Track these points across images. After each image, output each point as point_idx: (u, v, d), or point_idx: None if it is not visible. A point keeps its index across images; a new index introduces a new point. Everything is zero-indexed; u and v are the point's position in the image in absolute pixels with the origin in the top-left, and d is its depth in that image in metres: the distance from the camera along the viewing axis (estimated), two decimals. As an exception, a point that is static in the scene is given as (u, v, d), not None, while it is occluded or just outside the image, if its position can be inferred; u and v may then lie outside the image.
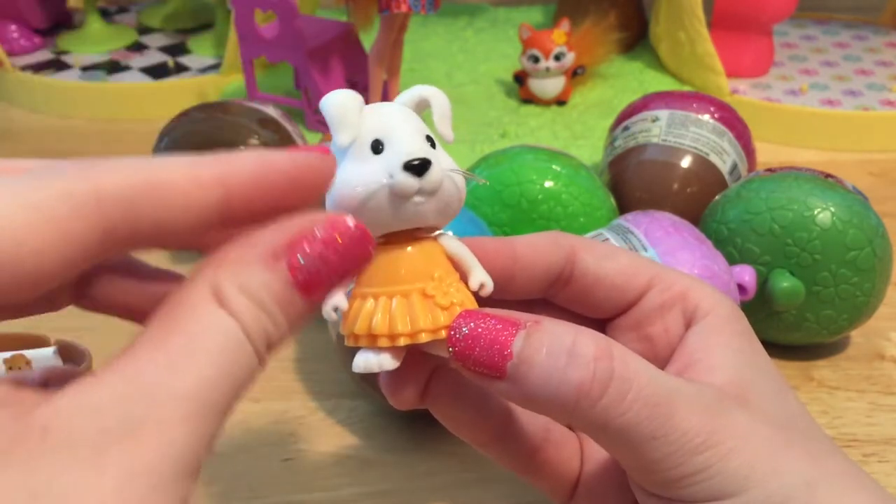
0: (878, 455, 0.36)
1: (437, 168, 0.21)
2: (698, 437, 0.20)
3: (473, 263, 0.22)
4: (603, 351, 0.21)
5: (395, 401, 0.24)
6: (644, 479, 0.22)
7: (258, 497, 0.35)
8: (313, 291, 0.19)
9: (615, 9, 0.73)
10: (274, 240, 0.18)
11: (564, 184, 0.42)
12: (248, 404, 0.39)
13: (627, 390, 0.20)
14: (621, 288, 0.25)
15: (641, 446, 0.20)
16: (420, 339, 0.21)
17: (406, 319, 0.21)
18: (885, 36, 0.76)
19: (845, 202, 0.38)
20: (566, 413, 0.21)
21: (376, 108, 0.22)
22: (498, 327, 0.21)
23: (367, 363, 0.22)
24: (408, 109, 0.22)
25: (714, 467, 0.20)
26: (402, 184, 0.20)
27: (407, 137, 0.21)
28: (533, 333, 0.21)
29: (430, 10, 0.55)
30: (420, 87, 0.23)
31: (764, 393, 0.22)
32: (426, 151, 0.21)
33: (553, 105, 0.66)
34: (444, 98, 0.23)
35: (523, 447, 0.26)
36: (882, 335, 0.43)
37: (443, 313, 0.21)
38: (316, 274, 0.19)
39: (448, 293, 0.21)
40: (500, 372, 0.21)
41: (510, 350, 0.21)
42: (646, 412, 0.20)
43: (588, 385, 0.20)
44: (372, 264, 0.22)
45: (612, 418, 0.20)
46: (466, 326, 0.21)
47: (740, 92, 0.66)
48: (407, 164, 0.20)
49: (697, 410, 0.21)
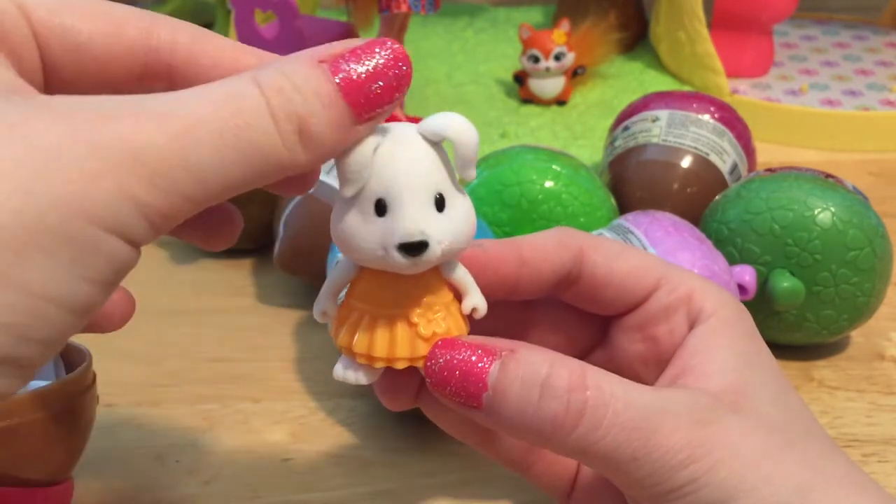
0: (878, 455, 0.36)
1: (435, 247, 0.20)
2: (682, 453, 0.20)
3: (470, 287, 0.22)
4: (577, 381, 0.21)
5: (388, 403, 0.24)
6: (635, 494, 0.22)
7: (258, 497, 0.34)
8: (356, 95, 0.18)
9: (615, 9, 0.73)
10: (317, 51, 0.19)
11: (564, 184, 0.42)
12: (248, 404, 0.39)
13: (602, 417, 0.20)
14: (630, 287, 0.25)
15: (623, 467, 0.21)
16: (397, 366, 0.22)
17: (385, 346, 0.21)
18: (885, 36, 0.76)
19: (845, 202, 0.38)
20: (544, 442, 0.21)
21: (392, 153, 0.20)
22: (472, 359, 0.21)
23: (345, 374, 0.22)
24: (425, 151, 0.20)
25: (701, 479, 0.20)
26: (396, 262, 0.20)
27: (409, 207, 0.20)
28: (508, 364, 0.21)
29: (430, 10, 0.55)
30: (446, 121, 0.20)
31: (762, 396, 0.22)
32: (424, 231, 0.20)
33: (553, 105, 0.66)
34: (472, 135, 0.20)
35: (518, 445, 0.26)
36: (882, 335, 0.43)
37: (423, 344, 0.21)
38: (358, 77, 0.18)
39: (433, 321, 0.21)
40: (476, 402, 0.21)
41: (485, 382, 0.21)
42: (623, 436, 0.20)
43: (562, 418, 0.20)
44: (365, 281, 0.22)
45: (589, 445, 0.20)
46: (443, 357, 0.21)
47: (740, 92, 0.66)
48: (401, 246, 0.20)
49: (683, 424, 0.21)
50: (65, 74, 0.20)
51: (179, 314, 0.45)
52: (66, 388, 0.30)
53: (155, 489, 0.35)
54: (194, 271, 0.49)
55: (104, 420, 0.37)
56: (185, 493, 0.35)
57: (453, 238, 0.20)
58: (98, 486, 0.35)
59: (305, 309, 0.45)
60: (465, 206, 0.21)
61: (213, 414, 0.39)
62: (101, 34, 0.20)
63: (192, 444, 0.37)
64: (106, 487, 0.35)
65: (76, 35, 0.19)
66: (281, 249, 0.44)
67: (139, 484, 0.35)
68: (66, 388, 0.30)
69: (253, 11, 0.59)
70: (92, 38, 0.20)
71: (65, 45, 0.19)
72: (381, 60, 0.19)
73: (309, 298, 0.46)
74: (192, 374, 0.41)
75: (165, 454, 0.37)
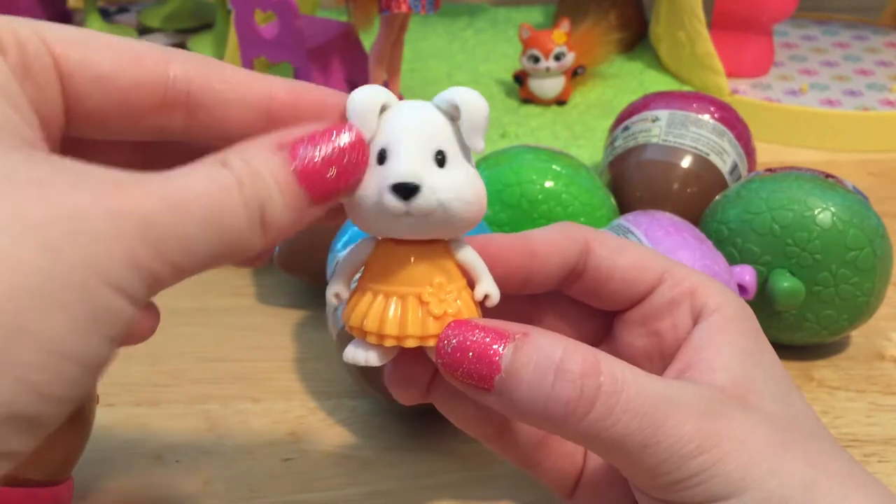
0: (879, 455, 0.36)
1: (429, 195, 0.20)
2: (692, 443, 0.20)
3: (482, 274, 0.22)
4: (590, 366, 0.21)
5: (399, 395, 0.24)
6: (643, 485, 0.22)
7: (258, 497, 0.34)
8: (310, 180, 0.19)
9: (615, 9, 0.73)
10: (279, 136, 0.20)
11: (564, 184, 0.42)
12: (248, 404, 0.39)
13: (615, 403, 0.20)
14: (633, 282, 0.25)
15: (634, 455, 0.21)
16: (407, 344, 0.21)
17: (395, 323, 0.21)
18: (885, 36, 0.76)
19: (845, 202, 0.38)
20: (555, 427, 0.21)
21: (402, 110, 0.21)
22: (486, 340, 0.21)
23: (355, 356, 0.22)
24: (433, 114, 0.21)
25: (710, 470, 0.20)
26: (389, 206, 0.20)
27: (406, 155, 0.20)
28: (521, 347, 0.21)
29: (430, 10, 0.55)
30: (457, 91, 0.21)
31: (767, 393, 0.22)
32: (418, 175, 0.20)
33: (553, 105, 0.66)
34: (480, 106, 0.21)
35: (527, 441, 0.26)
36: (882, 335, 0.43)
37: (434, 322, 0.21)
38: (312, 164, 0.19)
39: (444, 301, 0.21)
40: (488, 385, 0.21)
41: (497, 363, 0.21)
42: (636, 423, 0.20)
43: (575, 402, 0.20)
44: (379, 261, 0.22)
45: (601, 431, 0.20)
46: (456, 338, 0.21)
47: (740, 92, 0.66)
48: (394, 186, 0.20)
49: (692, 415, 0.21)
50: (89, 105, 0.20)
51: (179, 314, 0.45)
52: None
53: (155, 489, 0.35)
54: (194, 271, 0.49)
55: (104, 420, 0.37)
56: (185, 493, 0.35)
57: (451, 194, 0.21)
58: (98, 486, 0.35)
59: (305, 309, 0.45)
60: (472, 173, 0.21)
61: (213, 414, 0.39)
62: (123, 66, 0.20)
63: (192, 444, 0.37)
64: (106, 487, 0.35)
65: (100, 67, 0.20)
66: (281, 249, 0.44)
67: (139, 484, 0.35)
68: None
69: (253, 11, 0.59)
70: (115, 69, 0.20)
71: (88, 77, 0.20)
72: (338, 146, 0.20)
73: (309, 298, 0.46)
74: (192, 374, 0.41)
75: (165, 454, 0.37)
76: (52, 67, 0.20)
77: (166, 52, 0.21)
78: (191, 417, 0.38)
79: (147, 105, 0.21)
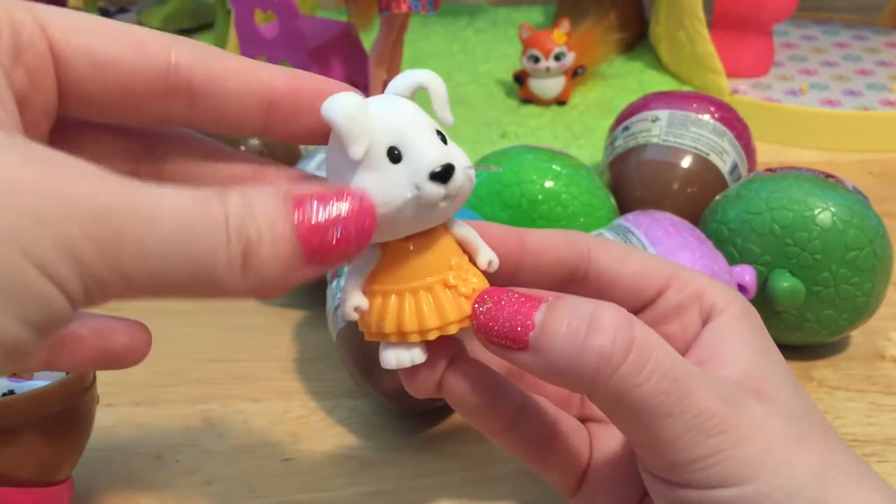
0: (879, 455, 0.36)
1: (460, 170, 0.21)
2: (714, 419, 0.21)
3: (480, 244, 0.23)
4: (623, 321, 0.21)
5: (413, 389, 0.24)
6: (655, 461, 0.22)
7: (258, 497, 0.34)
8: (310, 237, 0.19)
9: (615, 9, 0.73)
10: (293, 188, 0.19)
11: (564, 184, 0.42)
12: (248, 404, 0.39)
13: (647, 360, 0.20)
14: (637, 289, 0.25)
15: (656, 422, 0.21)
16: (449, 331, 0.22)
17: (434, 314, 0.22)
18: (885, 36, 0.76)
19: (845, 202, 0.38)
20: (586, 382, 0.21)
21: (381, 109, 0.21)
22: (521, 300, 0.22)
23: (399, 359, 0.22)
24: (410, 104, 0.22)
25: (725, 452, 0.21)
26: (431, 194, 0.20)
27: (424, 142, 0.21)
28: (555, 304, 0.21)
29: (430, 10, 0.55)
30: (414, 72, 0.22)
31: (778, 387, 0.23)
32: (445, 154, 0.21)
33: (553, 105, 0.66)
34: (441, 82, 0.22)
35: (534, 436, 0.26)
36: (882, 335, 0.43)
37: (466, 302, 0.22)
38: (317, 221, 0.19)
39: (467, 280, 0.22)
40: (522, 343, 0.21)
41: (532, 321, 0.21)
42: (664, 385, 0.20)
43: (608, 351, 0.20)
44: (390, 261, 0.22)
45: (630, 388, 0.20)
46: (490, 300, 0.22)
47: (740, 92, 0.66)
48: (433, 174, 0.20)
49: (714, 395, 0.21)
50: (88, 90, 0.20)
51: (179, 314, 0.45)
52: (65, 388, 0.30)
53: (155, 489, 0.35)
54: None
55: (104, 420, 0.37)
56: (185, 493, 0.35)
57: (466, 162, 0.21)
58: (98, 486, 0.35)
59: (305, 309, 0.45)
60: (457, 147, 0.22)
61: (213, 414, 0.39)
62: (125, 53, 0.20)
63: (192, 444, 0.37)
64: (106, 487, 0.35)
65: (100, 53, 0.20)
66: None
67: (139, 484, 0.35)
68: (65, 388, 0.30)
69: (253, 11, 0.59)
70: (116, 56, 0.20)
71: (89, 63, 0.20)
72: (346, 210, 0.19)
73: (309, 298, 0.46)
74: (192, 374, 0.41)
75: (165, 454, 0.37)
76: (47, 54, 0.19)
77: (168, 38, 0.21)
78: (191, 417, 0.38)
79: (148, 91, 0.21)
